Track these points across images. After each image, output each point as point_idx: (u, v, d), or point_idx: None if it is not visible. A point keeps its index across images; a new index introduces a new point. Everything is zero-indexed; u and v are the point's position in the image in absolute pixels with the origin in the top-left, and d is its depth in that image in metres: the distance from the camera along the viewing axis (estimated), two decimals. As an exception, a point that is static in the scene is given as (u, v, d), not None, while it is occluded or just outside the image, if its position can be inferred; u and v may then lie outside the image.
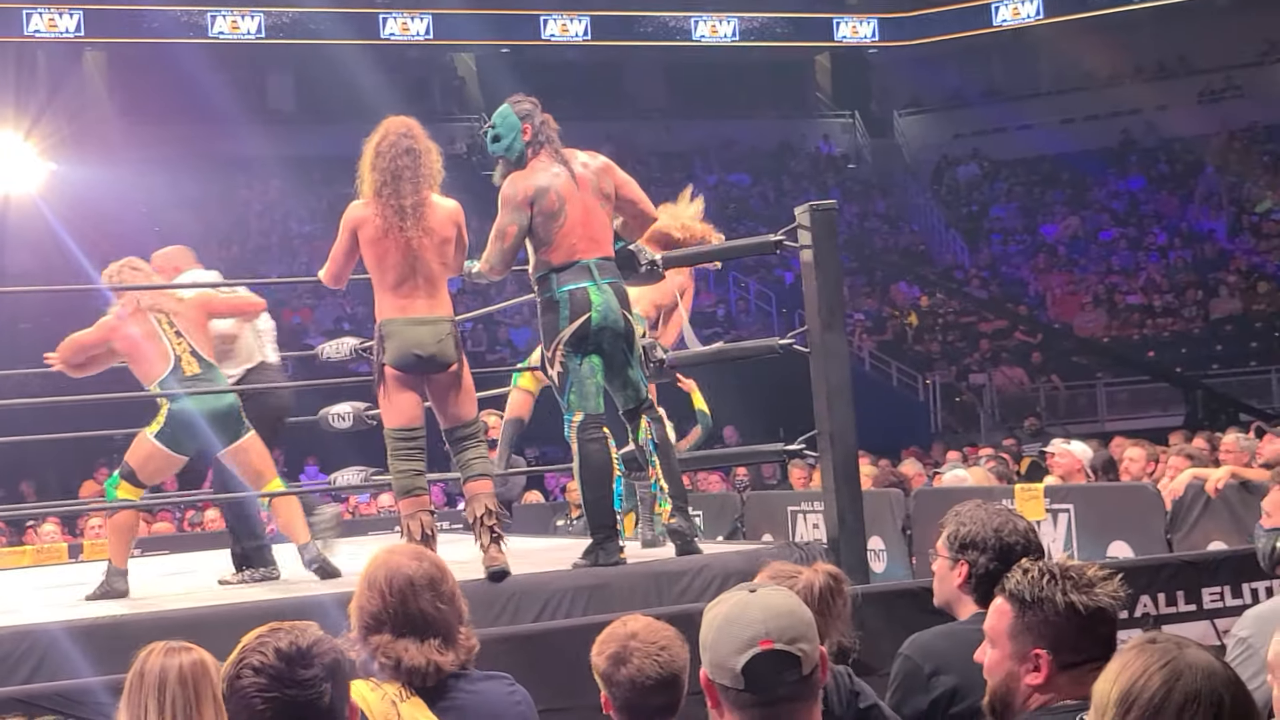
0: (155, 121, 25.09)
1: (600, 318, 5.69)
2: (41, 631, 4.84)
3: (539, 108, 5.89)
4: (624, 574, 5.69)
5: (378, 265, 5.59)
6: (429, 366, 5.58)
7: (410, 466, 5.59)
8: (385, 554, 3.23)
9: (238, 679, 2.57)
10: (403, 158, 5.54)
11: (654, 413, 5.93)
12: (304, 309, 21.97)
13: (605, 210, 5.84)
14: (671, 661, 3.00)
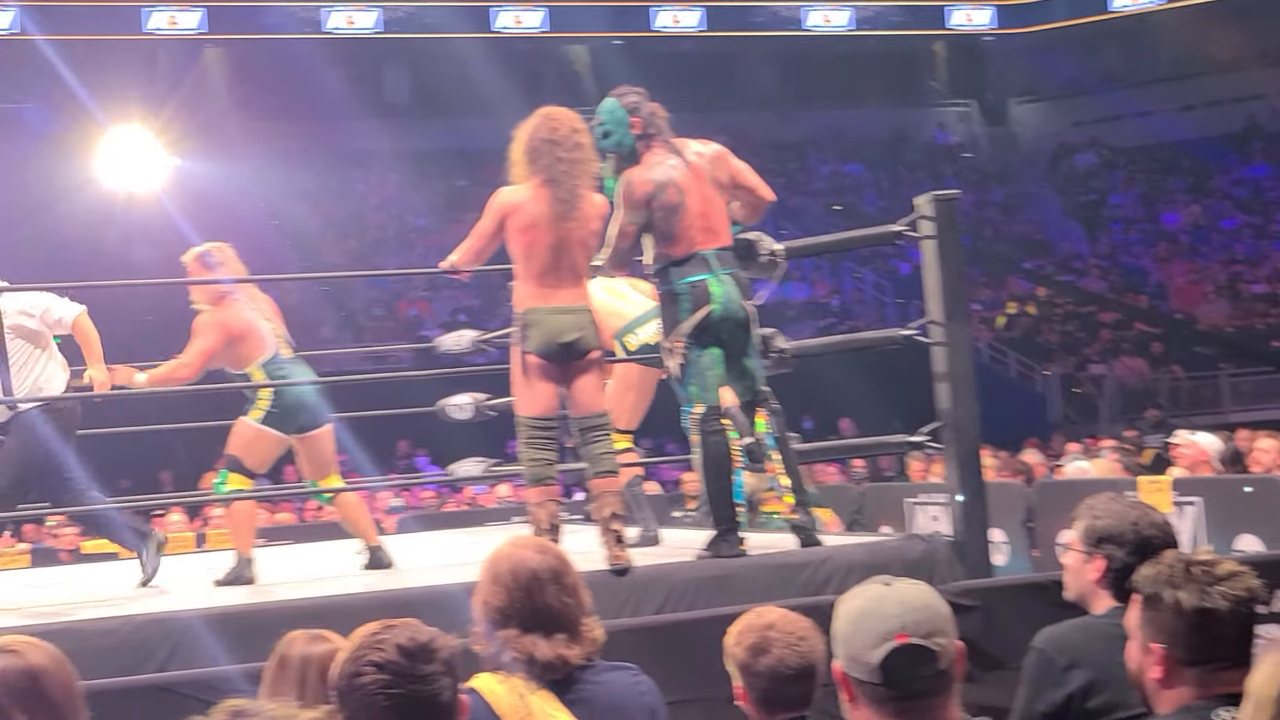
0: (273, 117, 25.41)
1: (721, 309, 5.66)
2: (174, 619, 4.91)
3: (646, 98, 5.84)
4: (746, 565, 5.67)
5: (525, 253, 5.58)
6: (570, 354, 5.57)
7: (543, 456, 5.58)
8: (509, 547, 3.22)
9: (358, 676, 2.54)
10: (573, 151, 5.54)
11: (772, 404, 5.89)
12: (420, 301, 22.15)
13: (722, 200, 5.81)
14: (810, 652, 2.99)
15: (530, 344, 5.54)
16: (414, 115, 27.28)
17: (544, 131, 5.58)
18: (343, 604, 5.11)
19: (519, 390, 5.63)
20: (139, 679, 4.35)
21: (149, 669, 4.69)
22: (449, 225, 24.32)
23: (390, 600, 5.00)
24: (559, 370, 5.60)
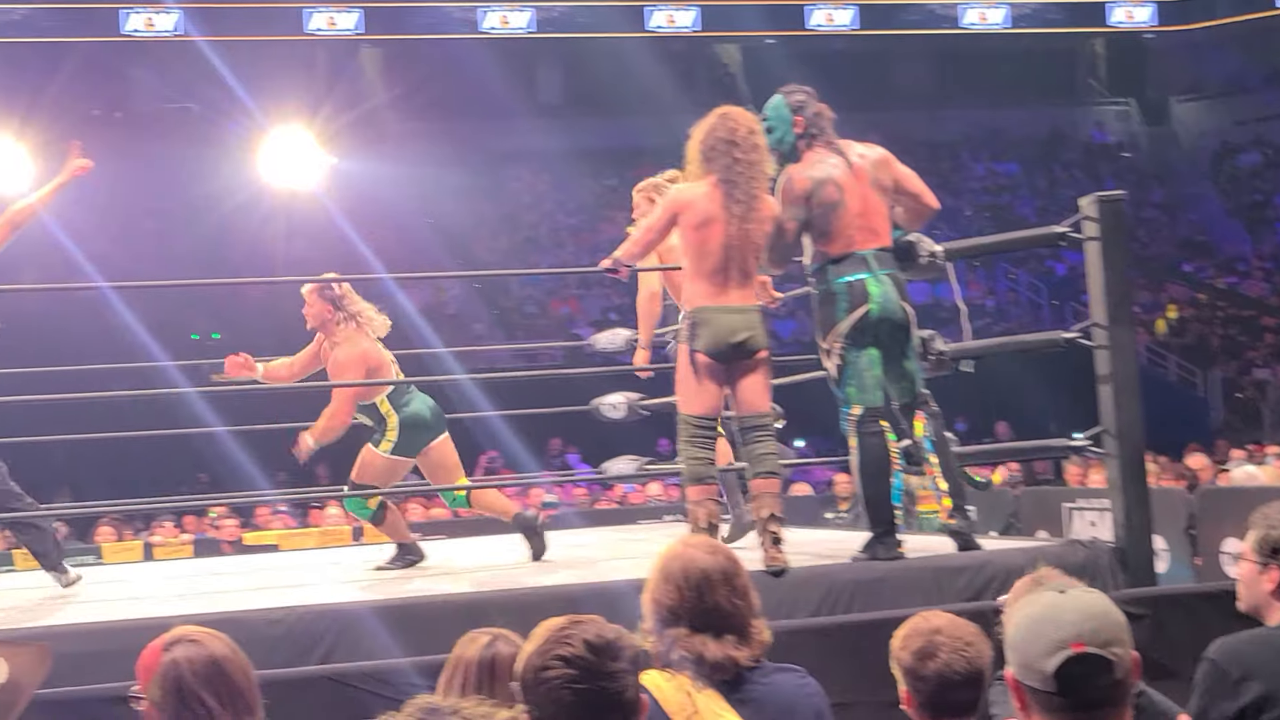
0: (428, 116, 25.72)
1: (879, 309, 5.62)
2: (338, 610, 4.99)
3: (813, 98, 5.82)
4: (903, 569, 5.63)
5: (697, 251, 5.59)
6: (739, 354, 5.58)
7: (704, 455, 5.59)
8: (681, 546, 3.23)
9: (545, 670, 2.56)
10: (751, 152, 5.55)
11: (930, 407, 5.83)
12: (572, 299, 22.29)
13: (883, 201, 5.76)
14: (978, 658, 2.96)
15: (699, 342, 5.54)
16: (566, 114, 27.44)
17: (722, 131, 5.58)
18: (507, 599, 5.15)
19: (684, 388, 5.63)
20: (311, 669, 4.43)
21: (312, 660, 4.77)
22: (600, 224, 24.46)
23: (556, 595, 5.03)
24: (725, 369, 5.60)
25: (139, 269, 19.62)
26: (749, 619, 3.14)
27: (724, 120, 5.61)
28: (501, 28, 26.55)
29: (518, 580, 6.10)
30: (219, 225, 21.35)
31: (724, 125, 5.59)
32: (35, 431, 8.62)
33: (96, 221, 21.00)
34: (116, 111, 25.35)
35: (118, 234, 21.70)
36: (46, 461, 8.62)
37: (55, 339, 16.71)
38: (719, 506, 5.67)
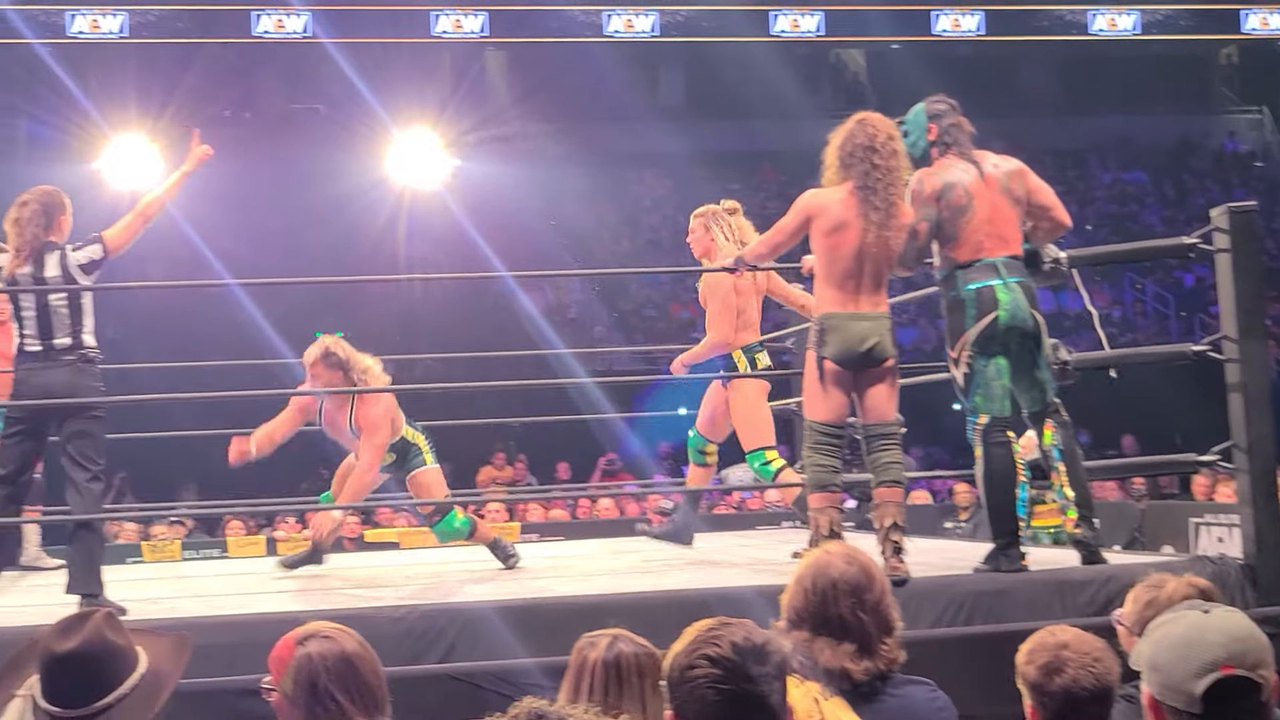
0: (551, 118, 25.83)
1: (1008, 316, 5.57)
2: (460, 609, 5.03)
3: (955, 110, 5.82)
4: (1026, 581, 5.57)
5: (829, 256, 5.58)
6: (867, 361, 5.56)
7: (830, 462, 5.58)
8: (821, 552, 3.22)
9: (691, 669, 2.56)
10: (892, 159, 5.54)
11: (1060, 417, 5.77)
12: (691, 303, 22.24)
13: (1014, 211, 5.71)
14: (1106, 674, 2.92)
15: (828, 349, 5.53)
16: (689, 117, 27.42)
17: (861, 137, 5.57)
18: (627, 601, 5.16)
19: (811, 394, 5.62)
20: (434, 667, 4.47)
21: (433, 657, 4.82)
22: (720, 227, 24.42)
23: (681, 599, 5.04)
24: (853, 376, 5.58)
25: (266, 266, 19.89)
26: (877, 635, 3.12)
27: (863, 126, 5.60)
28: (626, 31, 26.61)
29: (636, 583, 6.12)
30: (344, 224, 21.61)
31: (863, 131, 5.58)
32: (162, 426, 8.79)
33: (224, 219, 21.34)
34: (245, 112, 25.74)
35: (245, 231, 22.02)
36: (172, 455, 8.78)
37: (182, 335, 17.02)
38: (841, 514, 5.65)
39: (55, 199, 5.99)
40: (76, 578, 5.65)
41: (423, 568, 7.45)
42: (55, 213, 5.95)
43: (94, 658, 2.53)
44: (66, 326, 5.80)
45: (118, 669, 2.55)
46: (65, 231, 6.00)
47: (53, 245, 5.89)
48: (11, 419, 5.86)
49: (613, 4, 26.30)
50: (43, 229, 5.88)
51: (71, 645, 2.53)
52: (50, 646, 2.54)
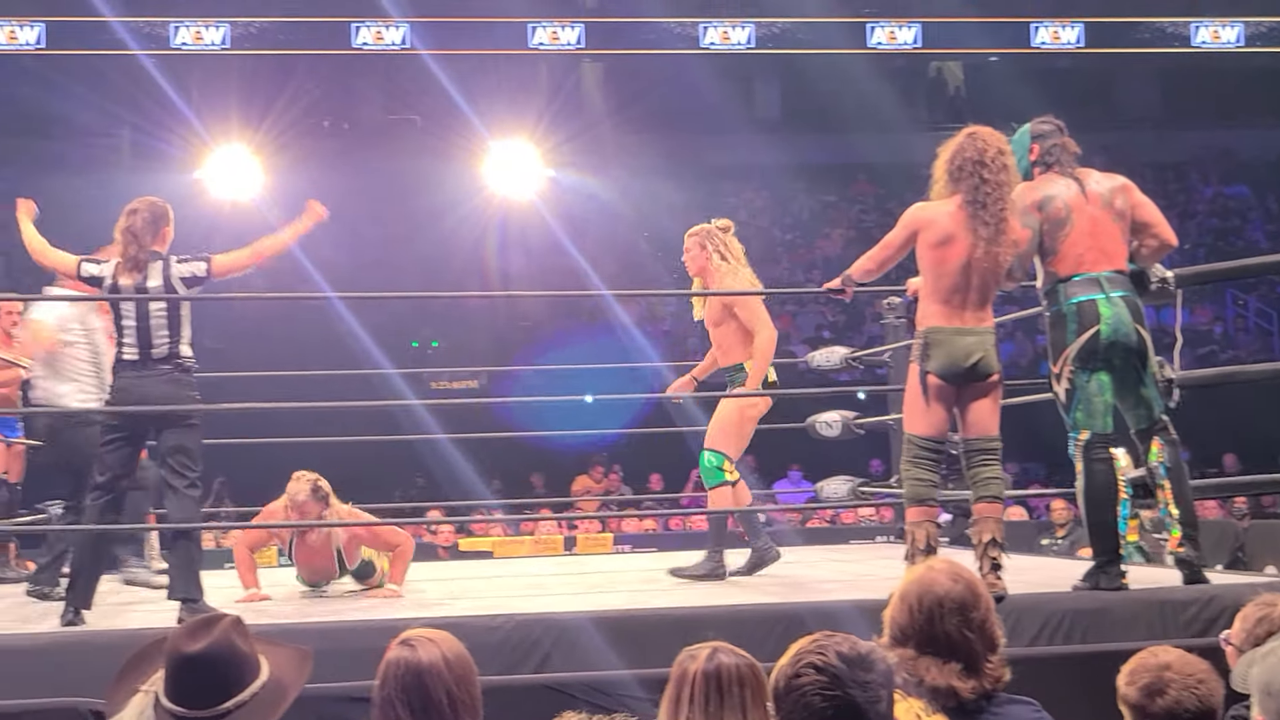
0: (646, 130, 25.85)
1: (1110, 331, 5.51)
2: (554, 619, 5.04)
3: (1060, 131, 5.79)
4: (1126, 600, 5.50)
5: (935, 270, 5.55)
6: (972, 376, 5.52)
7: (928, 476, 5.54)
8: (924, 568, 3.19)
9: (797, 677, 2.57)
10: (1002, 173, 5.50)
11: (1167, 434, 5.69)
12: (784, 316, 22.21)
13: (1117, 226, 5.65)
14: (1209, 696, 2.87)
15: (932, 364, 5.49)
16: (784, 129, 27.35)
17: (971, 151, 5.53)
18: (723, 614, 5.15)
19: (912, 408, 5.59)
20: (531, 677, 4.48)
21: (528, 668, 4.83)
22: (816, 240, 24.35)
23: (777, 613, 5.03)
24: (955, 391, 5.54)
25: (363, 276, 20.09)
26: (983, 653, 3.09)
27: (973, 140, 5.56)
28: (721, 43, 26.60)
29: (731, 596, 6.10)
30: (440, 235, 21.77)
31: (973, 145, 5.54)
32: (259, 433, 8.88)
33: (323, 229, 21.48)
34: (344, 123, 25.99)
35: (343, 242, 22.22)
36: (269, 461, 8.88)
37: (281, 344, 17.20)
38: (938, 528, 5.61)
39: (161, 209, 6.09)
40: (177, 583, 5.73)
41: (517, 578, 7.47)
42: (161, 223, 6.05)
43: (220, 661, 2.57)
44: (165, 337, 5.89)
45: (242, 674, 2.58)
46: (168, 241, 6.09)
47: (156, 255, 5.99)
48: (110, 427, 5.95)
49: (709, 16, 26.30)
50: (151, 238, 5.98)
51: (199, 647, 2.56)
52: (178, 646, 2.58)
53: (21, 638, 5.20)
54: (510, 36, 25.69)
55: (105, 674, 4.56)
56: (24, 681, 4.73)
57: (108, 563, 6.47)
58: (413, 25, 24.64)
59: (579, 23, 26.10)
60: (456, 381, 18.36)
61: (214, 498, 14.21)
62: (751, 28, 26.53)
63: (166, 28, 24.31)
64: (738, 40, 26.46)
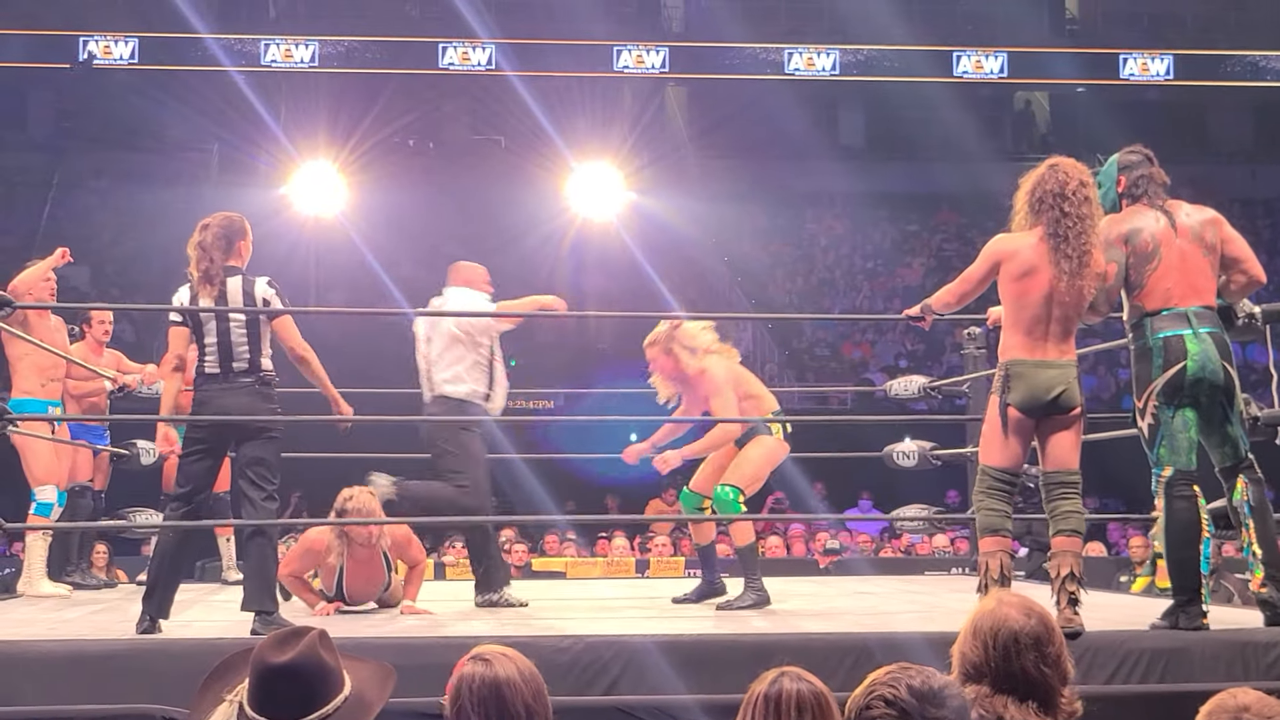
0: (729, 155, 25.87)
1: (1197, 368, 5.43)
2: (624, 642, 5.03)
3: (1149, 161, 5.71)
4: (1205, 640, 5.40)
5: (1017, 302, 5.51)
6: (1053, 409, 5.48)
7: (1002, 507, 5.50)
8: (994, 602, 3.15)
9: (868, 709, 2.55)
10: (1084, 205, 5.46)
11: (1253, 473, 5.61)
12: (864, 344, 22.14)
13: (1207, 260, 5.57)
14: None
15: (1012, 396, 5.46)
16: (867, 157, 27.31)
17: (1052, 183, 5.49)
18: (794, 642, 5.12)
19: (989, 440, 5.56)
20: (600, 699, 4.47)
21: (597, 690, 4.82)
22: (897, 268, 24.25)
23: (844, 643, 4.99)
24: (1035, 424, 5.50)
25: (443, 295, 20.19)
26: (1058, 688, 3.04)
27: (1054, 171, 5.52)
28: (806, 69, 26.61)
29: (802, 624, 6.07)
30: (521, 255, 21.85)
31: (1054, 177, 5.49)
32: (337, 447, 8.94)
33: (406, 246, 21.72)
34: (429, 142, 26.20)
35: (425, 259, 22.36)
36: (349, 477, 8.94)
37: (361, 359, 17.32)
38: (1012, 560, 5.55)
39: (236, 224, 6.10)
40: (251, 594, 5.76)
41: (589, 600, 7.46)
42: (235, 237, 6.05)
43: (306, 673, 2.59)
44: (245, 351, 5.93)
45: (327, 687, 2.60)
46: (245, 256, 6.11)
47: (234, 270, 6.01)
48: (191, 439, 6.00)
49: (794, 42, 26.30)
50: (223, 253, 5.99)
51: (286, 658, 2.59)
52: (264, 657, 2.60)
53: (97, 644, 5.25)
54: (595, 59, 25.81)
55: (179, 682, 4.61)
56: (100, 688, 4.77)
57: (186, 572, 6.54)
58: (499, 46, 24.83)
59: (664, 46, 26.19)
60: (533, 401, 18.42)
61: (292, 510, 14.33)
62: (836, 54, 26.52)
63: (257, 45, 24.63)
64: (822, 66, 26.45)
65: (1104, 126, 24.55)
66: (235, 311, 5.92)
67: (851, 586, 8.91)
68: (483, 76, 25.35)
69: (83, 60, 24.10)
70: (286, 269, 19.21)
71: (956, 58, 26.84)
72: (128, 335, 20.44)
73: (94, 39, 24.08)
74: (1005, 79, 27.13)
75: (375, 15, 25.47)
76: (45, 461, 8.00)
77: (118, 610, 6.80)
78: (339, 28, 24.95)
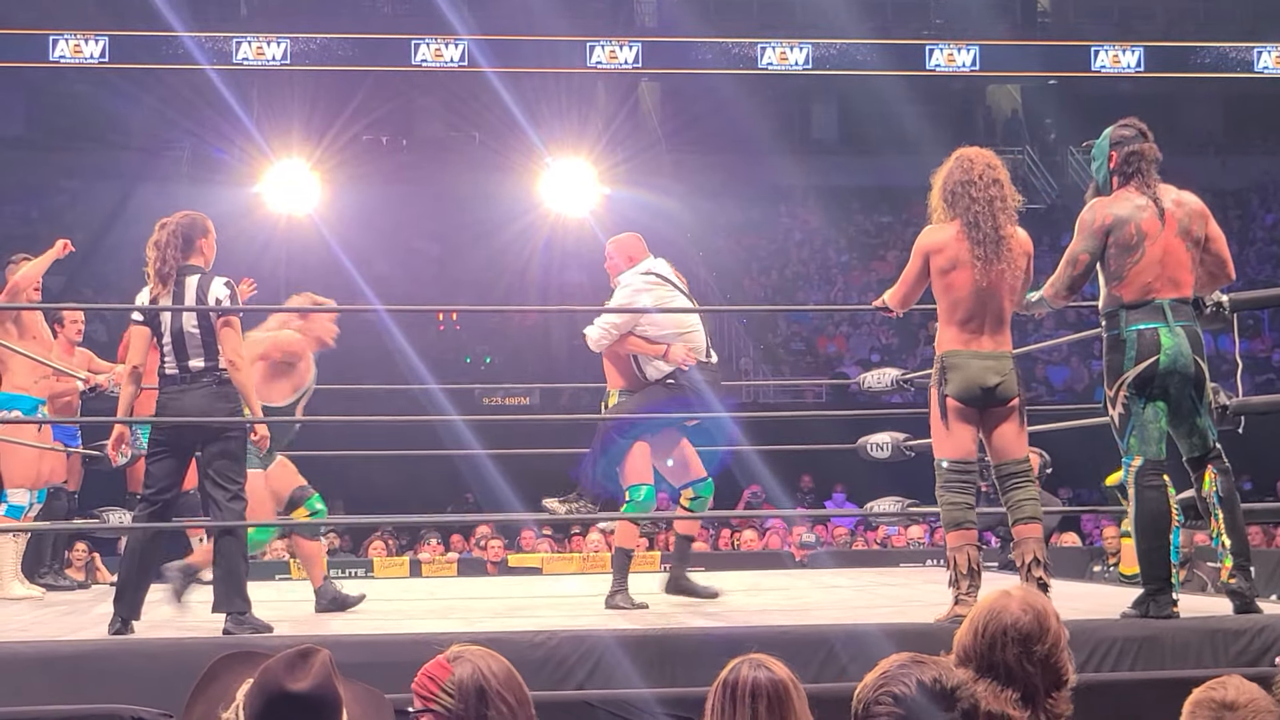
0: (702, 150, 25.89)
1: (1169, 361, 5.45)
2: (595, 637, 5.04)
3: (1141, 136, 5.67)
4: (1176, 628, 5.43)
5: (946, 295, 5.56)
6: (991, 400, 5.52)
7: (961, 499, 5.54)
8: (1000, 593, 3.13)
9: (876, 704, 2.52)
10: (993, 188, 5.49)
11: (1221, 463, 5.63)
12: (838, 337, 22.19)
13: (1190, 254, 5.56)
14: None
15: (949, 387, 5.52)
16: (840, 152, 27.35)
17: (959, 173, 5.56)
18: (764, 635, 5.13)
19: (937, 433, 5.61)
20: (574, 694, 4.49)
21: (571, 684, 4.83)
22: (871, 262, 24.29)
23: (805, 636, 5.01)
24: (978, 415, 5.54)
25: (418, 292, 20.19)
26: (1042, 688, 3.02)
27: (960, 162, 5.59)
28: (779, 64, 26.61)
29: (772, 618, 6.09)
30: (494, 250, 21.85)
31: (960, 167, 5.57)
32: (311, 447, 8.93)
33: (380, 245, 21.68)
34: (403, 139, 26.16)
35: (398, 257, 22.36)
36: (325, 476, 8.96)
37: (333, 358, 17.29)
38: (980, 551, 5.58)
39: (198, 223, 6.04)
40: (221, 595, 5.74)
41: (564, 595, 7.47)
42: (196, 236, 6.00)
43: (321, 702, 2.50)
44: (201, 350, 5.89)
45: (334, 716, 2.52)
46: (209, 255, 6.06)
47: (194, 269, 5.96)
48: (154, 440, 5.98)
49: (766, 37, 26.31)
50: (180, 252, 5.94)
51: (305, 686, 2.49)
52: (280, 682, 2.50)
53: (67, 645, 5.24)
54: (569, 55, 25.79)
55: (152, 682, 4.61)
56: (71, 689, 4.76)
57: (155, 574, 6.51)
58: (473, 43, 24.78)
59: (636, 42, 26.17)
60: (509, 398, 18.42)
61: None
62: (809, 49, 26.52)
63: (229, 43, 24.53)
64: (795, 61, 26.46)
65: (1075, 119, 24.62)
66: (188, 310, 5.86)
67: (826, 580, 8.94)
68: (456, 73, 25.30)
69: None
70: (259, 267, 19.15)
71: (929, 51, 26.88)
72: (100, 335, 20.36)
73: (64, 37, 23.95)
74: (977, 72, 27.18)
75: (348, 12, 25.41)
76: (20, 463, 7.97)
77: (90, 612, 6.78)
78: (311, 25, 24.86)
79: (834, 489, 16.38)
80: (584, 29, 25.52)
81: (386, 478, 14.01)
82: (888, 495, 9.10)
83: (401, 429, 11.36)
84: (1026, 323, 18.64)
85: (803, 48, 26.45)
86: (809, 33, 26.45)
